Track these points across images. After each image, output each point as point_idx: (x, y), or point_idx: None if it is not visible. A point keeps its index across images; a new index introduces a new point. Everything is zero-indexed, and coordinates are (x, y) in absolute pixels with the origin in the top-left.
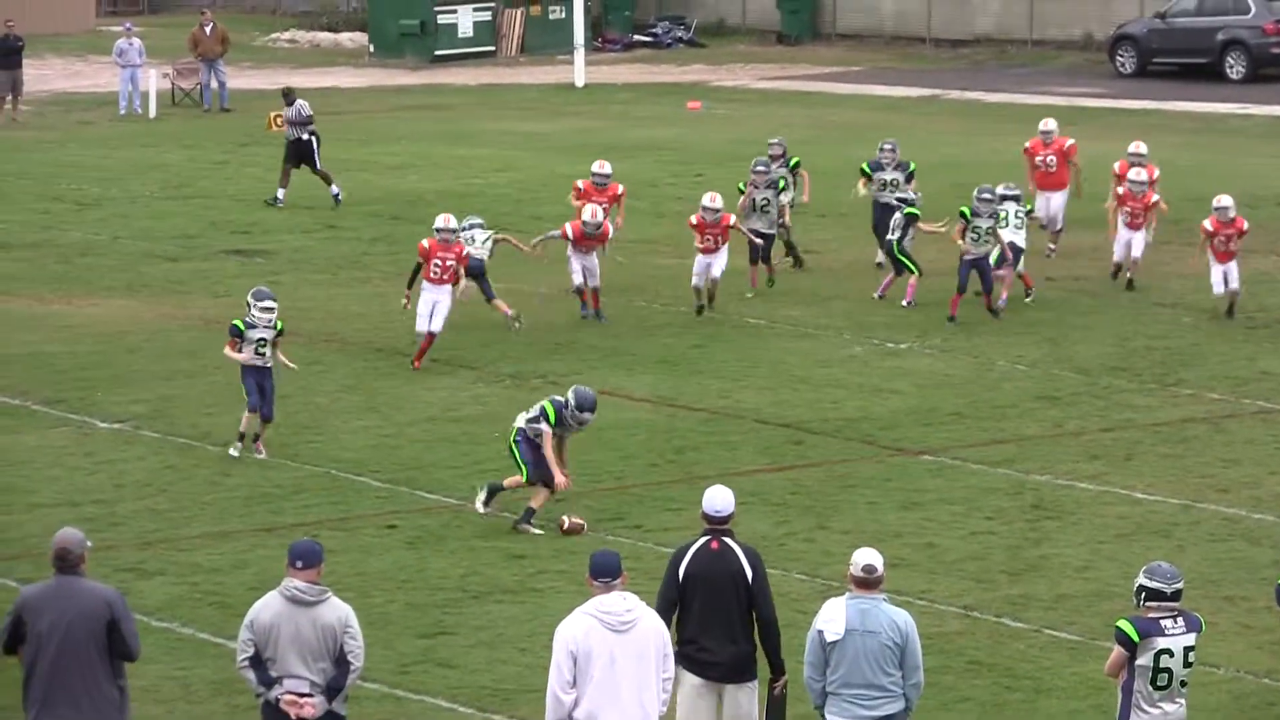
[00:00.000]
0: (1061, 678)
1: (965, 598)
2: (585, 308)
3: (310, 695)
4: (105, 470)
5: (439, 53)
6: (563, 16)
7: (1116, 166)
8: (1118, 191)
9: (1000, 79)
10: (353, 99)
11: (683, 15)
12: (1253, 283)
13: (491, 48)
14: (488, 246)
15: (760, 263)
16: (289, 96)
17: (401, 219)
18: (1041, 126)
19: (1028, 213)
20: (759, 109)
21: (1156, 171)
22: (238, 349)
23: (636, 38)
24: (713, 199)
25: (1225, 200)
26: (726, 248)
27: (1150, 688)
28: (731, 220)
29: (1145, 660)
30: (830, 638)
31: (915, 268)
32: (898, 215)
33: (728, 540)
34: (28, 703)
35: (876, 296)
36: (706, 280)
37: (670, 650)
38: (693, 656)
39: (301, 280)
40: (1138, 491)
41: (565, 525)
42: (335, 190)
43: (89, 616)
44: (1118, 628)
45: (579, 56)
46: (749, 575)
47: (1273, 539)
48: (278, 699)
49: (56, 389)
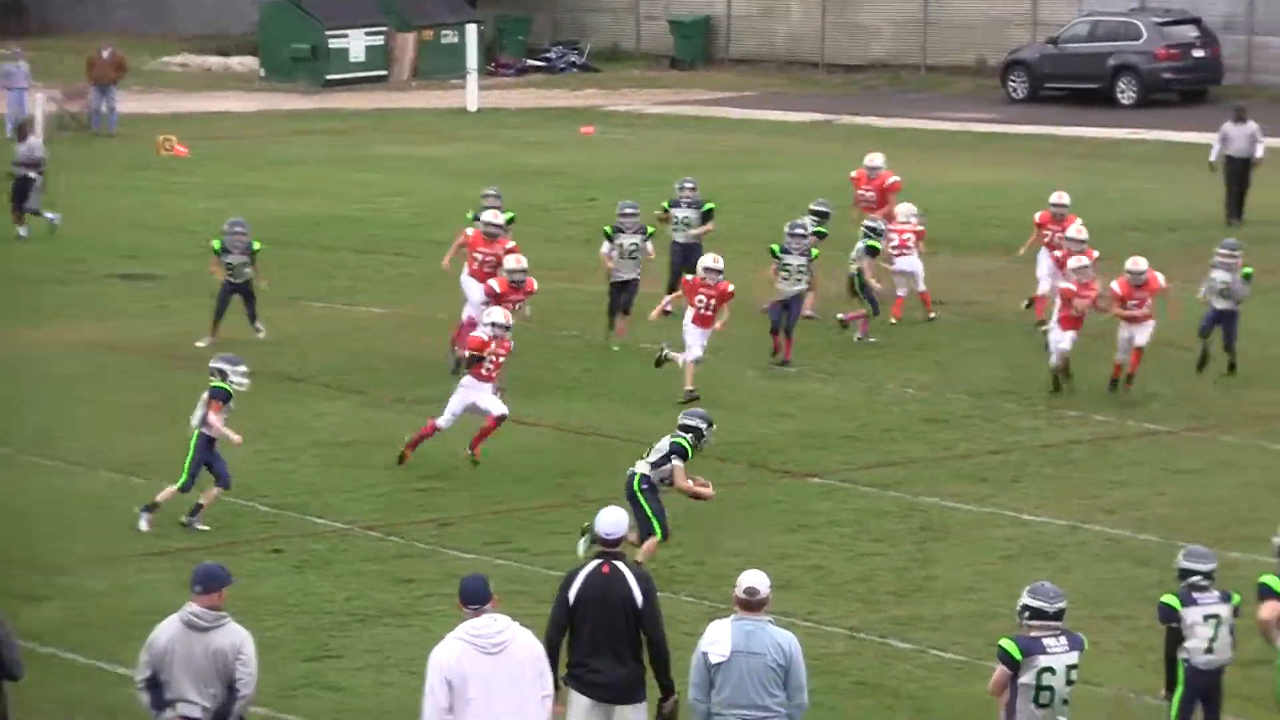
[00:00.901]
0: (946, 698)
1: (852, 619)
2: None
3: None
4: None
5: (330, 77)
6: (456, 41)
7: (1038, 217)
8: (1055, 256)
9: (893, 104)
10: (244, 123)
11: (576, 40)
12: None
13: (384, 72)
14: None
15: (623, 313)
16: (22, 133)
17: (293, 244)
18: (867, 161)
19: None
20: (653, 133)
21: (1084, 233)
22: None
23: (530, 62)
24: (715, 260)
25: (1139, 263)
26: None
27: (1033, 706)
28: (730, 288)
29: (1028, 678)
30: (715, 659)
31: (870, 304)
32: (859, 246)
33: (618, 564)
34: None
35: (856, 339)
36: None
37: (547, 667)
38: (583, 678)
39: (191, 304)
40: (1024, 513)
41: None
42: (51, 217)
43: None
44: (1000, 646)
45: (472, 81)
46: (638, 599)
47: (1158, 559)
48: None
49: None
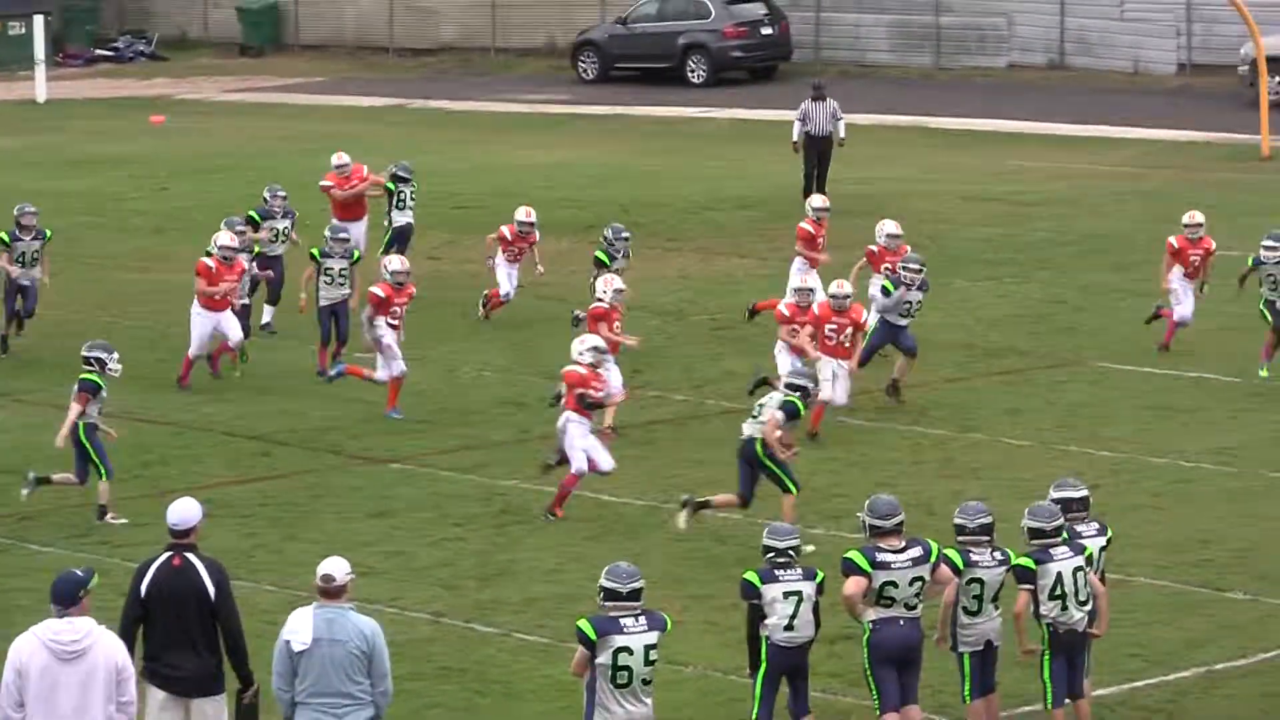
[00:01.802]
0: (532, 681)
1: (435, 604)
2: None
3: None
4: None
5: None
6: (23, 32)
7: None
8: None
9: (464, 87)
10: None
11: (144, 29)
12: (716, 283)
13: None
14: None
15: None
16: None
17: None
18: (335, 160)
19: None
20: (225, 121)
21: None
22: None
23: (99, 52)
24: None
25: (844, 287)
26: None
27: (611, 685)
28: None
29: (605, 659)
30: (297, 647)
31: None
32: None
33: (189, 555)
34: None
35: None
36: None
37: (130, 674)
38: (158, 671)
39: None
40: (605, 494)
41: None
42: None
43: None
44: (578, 627)
45: (40, 72)
46: (210, 591)
47: (737, 537)
48: None
49: None
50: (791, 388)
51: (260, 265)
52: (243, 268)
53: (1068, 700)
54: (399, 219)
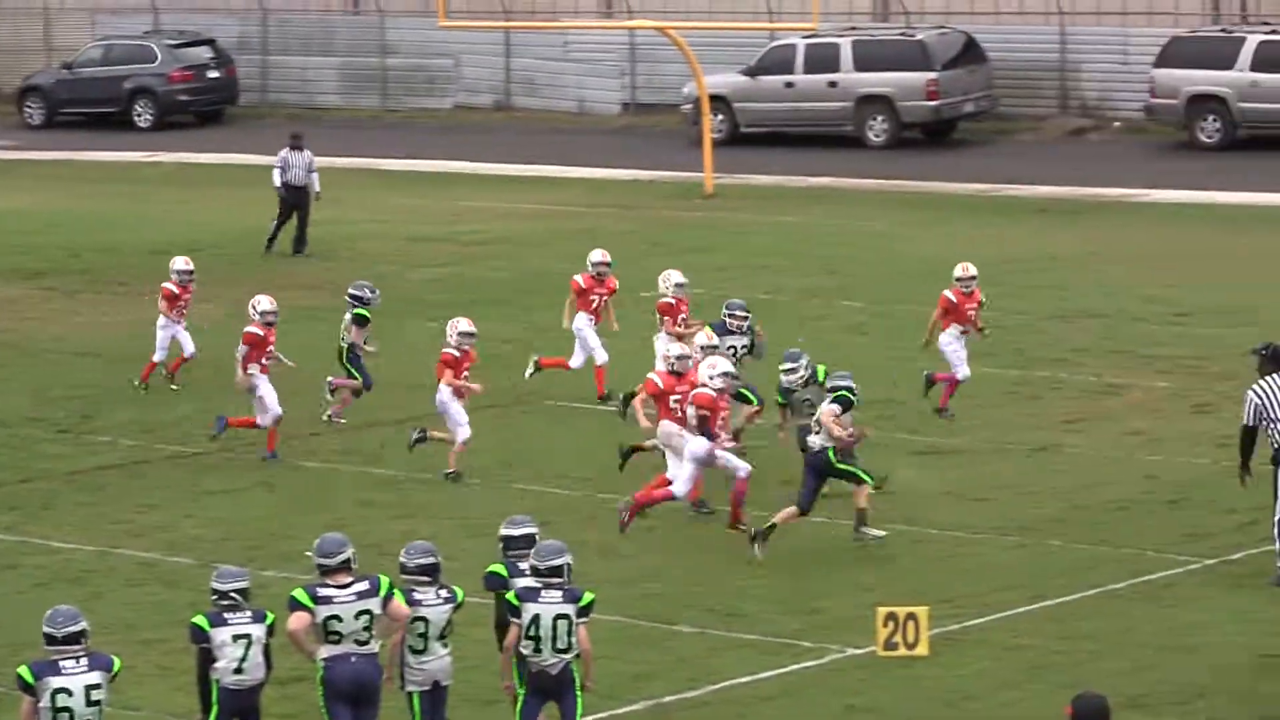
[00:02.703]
0: None
1: None
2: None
3: None
4: None
5: None
6: None
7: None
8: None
9: None
10: None
11: None
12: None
13: None
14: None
15: None
16: None
17: None
18: None
19: None
20: None
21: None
22: None
23: None
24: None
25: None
26: None
27: None
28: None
29: (45, 701)
30: None
31: (359, 375)
32: (347, 316)
33: None
34: None
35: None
36: None
37: None
38: None
39: None
40: (54, 540)
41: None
42: None
43: None
44: (17, 673)
45: None
46: None
47: (189, 581)
48: None
49: None
50: (838, 389)
51: None
52: None
53: None
54: None
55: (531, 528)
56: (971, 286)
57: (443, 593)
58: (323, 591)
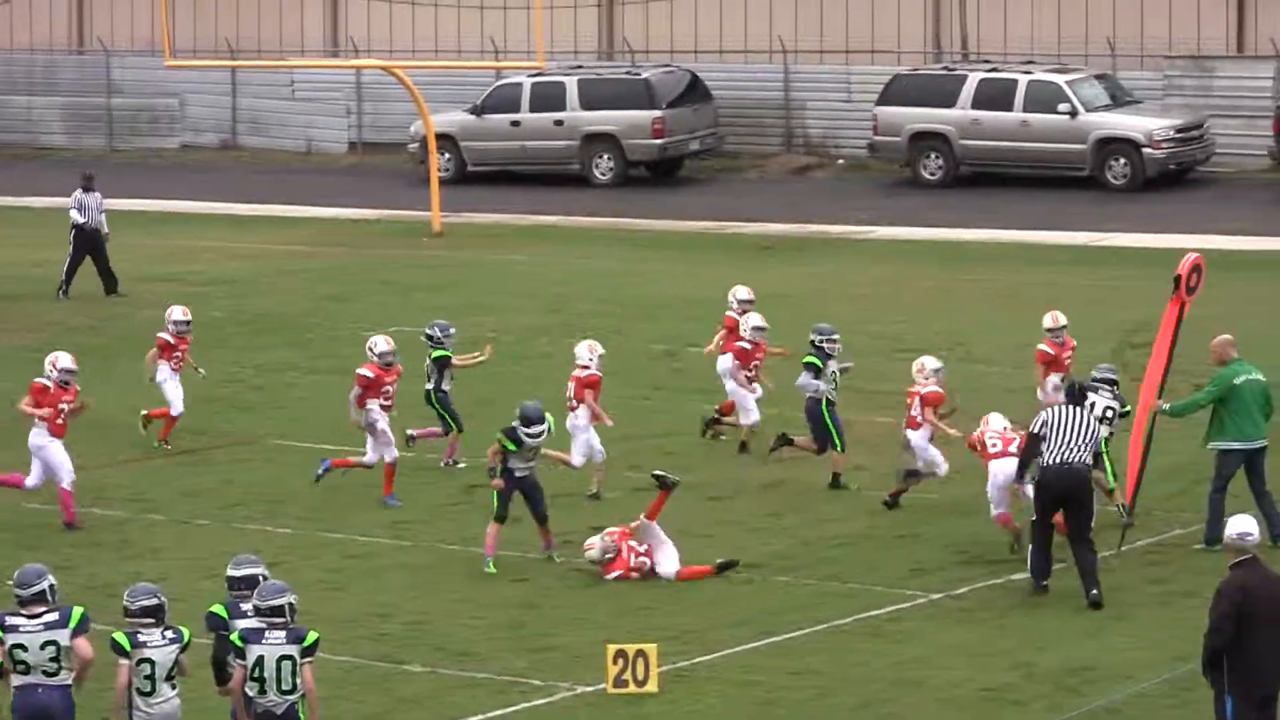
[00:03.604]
0: None
1: None
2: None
3: None
4: None
5: None
6: None
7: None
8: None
9: None
10: None
11: None
12: None
13: None
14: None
15: None
16: None
17: None
18: None
19: None
20: None
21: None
22: None
23: None
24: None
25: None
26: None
27: None
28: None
29: None
30: None
31: (449, 416)
32: (429, 361)
33: None
34: None
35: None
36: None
37: None
38: None
39: None
40: None
41: None
42: None
43: None
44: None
45: None
46: None
47: None
48: None
49: None
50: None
51: None
52: None
53: None
54: None
55: (256, 568)
56: (1062, 336)
57: (168, 633)
58: (10, 620)
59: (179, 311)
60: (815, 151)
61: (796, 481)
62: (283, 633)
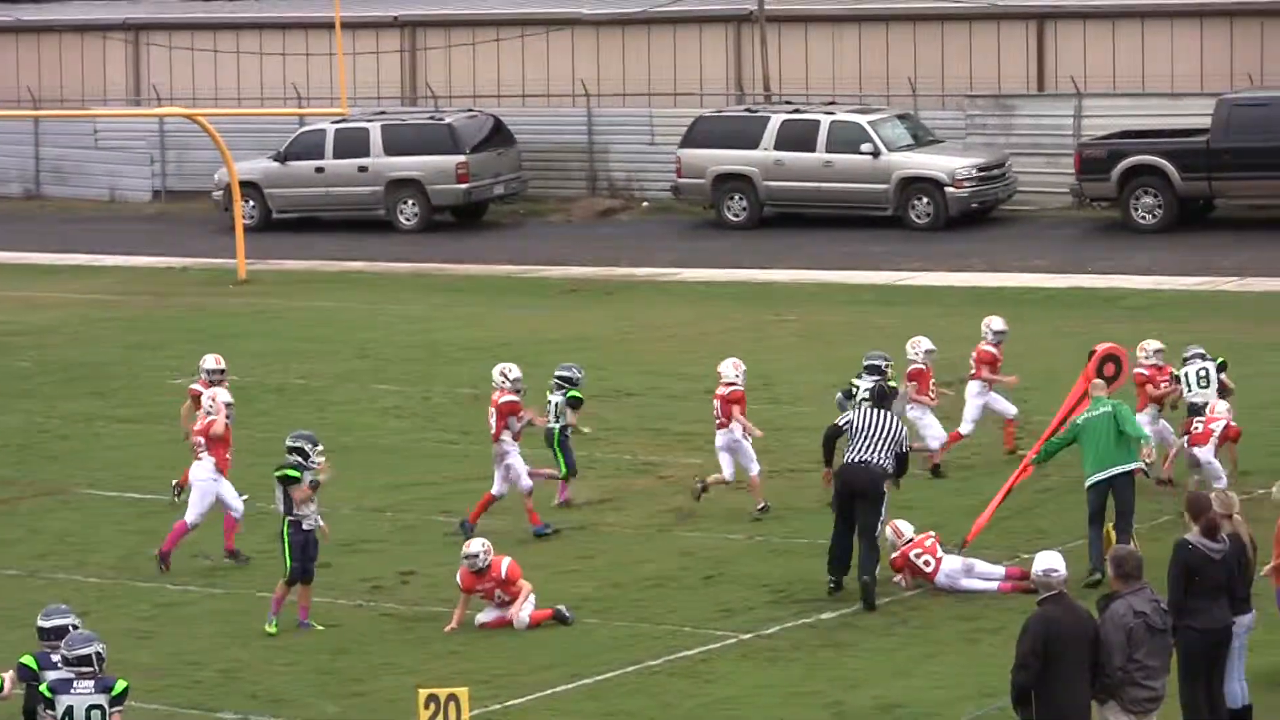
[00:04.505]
0: None
1: None
2: None
3: None
4: None
5: None
6: None
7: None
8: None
9: None
10: None
11: None
12: None
13: None
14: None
15: None
16: None
17: None
18: None
19: None
20: None
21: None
22: None
23: None
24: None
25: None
26: None
27: None
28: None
29: None
30: None
31: (566, 458)
32: (558, 398)
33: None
34: None
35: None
36: None
37: None
38: None
39: None
40: None
41: None
42: None
43: None
44: None
45: None
46: None
47: None
48: None
49: None
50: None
51: None
52: None
53: None
54: None
55: (66, 618)
56: (1160, 361)
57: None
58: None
59: (211, 360)
60: (620, 194)
61: (604, 524)
62: (91, 682)
